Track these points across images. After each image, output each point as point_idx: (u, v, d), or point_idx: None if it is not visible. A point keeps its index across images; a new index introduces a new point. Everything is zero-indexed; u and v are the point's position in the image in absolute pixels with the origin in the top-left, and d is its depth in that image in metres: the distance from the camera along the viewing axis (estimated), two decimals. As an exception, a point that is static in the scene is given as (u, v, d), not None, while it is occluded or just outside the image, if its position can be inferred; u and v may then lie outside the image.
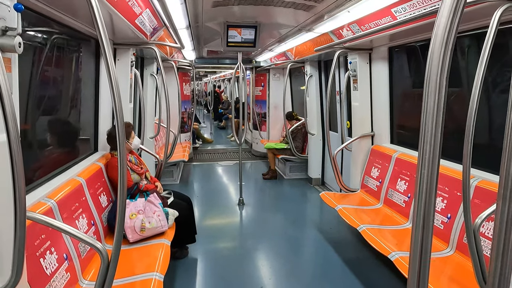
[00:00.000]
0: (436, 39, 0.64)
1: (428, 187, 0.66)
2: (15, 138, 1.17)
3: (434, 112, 0.64)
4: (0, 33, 1.24)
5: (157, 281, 2.20)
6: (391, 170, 3.58)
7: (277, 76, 7.82)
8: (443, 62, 0.63)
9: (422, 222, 0.69)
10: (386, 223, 3.25)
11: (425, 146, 0.65)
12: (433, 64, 0.65)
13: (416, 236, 0.70)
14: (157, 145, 5.60)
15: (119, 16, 2.36)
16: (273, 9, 3.57)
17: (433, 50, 0.65)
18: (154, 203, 2.95)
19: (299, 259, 3.59)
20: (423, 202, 0.68)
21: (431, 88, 0.64)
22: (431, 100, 0.63)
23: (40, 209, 1.92)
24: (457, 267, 2.48)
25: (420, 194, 0.67)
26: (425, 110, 0.65)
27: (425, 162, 0.66)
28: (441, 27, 0.63)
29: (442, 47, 0.63)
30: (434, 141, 0.64)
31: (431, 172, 0.66)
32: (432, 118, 0.64)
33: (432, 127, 0.64)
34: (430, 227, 0.70)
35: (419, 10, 2.35)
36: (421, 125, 0.66)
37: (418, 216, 0.70)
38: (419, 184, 0.67)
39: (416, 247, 0.71)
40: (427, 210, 0.67)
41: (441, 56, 0.63)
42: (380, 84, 3.91)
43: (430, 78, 0.64)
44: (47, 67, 2.52)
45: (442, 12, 0.62)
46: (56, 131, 2.81)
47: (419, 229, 0.70)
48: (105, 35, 1.34)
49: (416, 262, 0.73)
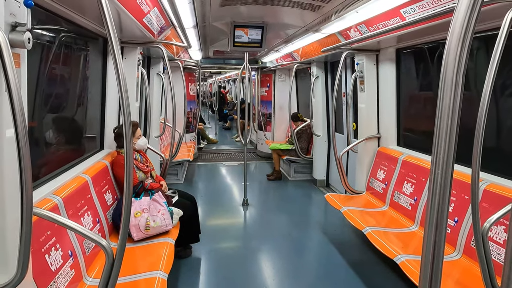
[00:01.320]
0: (452, 37, 0.62)
1: (442, 189, 0.64)
2: (23, 133, 1.17)
3: (449, 114, 0.62)
4: (10, 29, 1.25)
5: (161, 280, 2.19)
6: (398, 173, 3.55)
7: (283, 77, 7.81)
8: (459, 62, 0.61)
9: (435, 227, 0.67)
10: (391, 226, 3.22)
11: (439, 148, 0.63)
12: (448, 63, 0.63)
13: (429, 241, 0.68)
14: (162, 144, 5.61)
15: (127, 14, 2.36)
16: (280, 9, 3.56)
17: (449, 49, 0.63)
18: (159, 202, 2.95)
19: (303, 260, 3.57)
20: (436, 205, 0.67)
21: (447, 89, 0.62)
22: (446, 102, 0.62)
23: (46, 206, 1.93)
24: (464, 271, 2.44)
25: (433, 196, 0.65)
26: (439, 112, 0.63)
27: (439, 164, 0.64)
28: (458, 25, 0.61)
29: (458, 46, 0.61)
30: (448, 144, 0.62)
31: (445, 174, 0.64)
32: (447, 120, 0.62)
33: (447, 129, 0.63)
34: (443, 232, 0.68)
35: (428, 11, 2.33)
36: (435, 127, 0.64)
37: (430, 220, 0.68)
38: (433, 186, 0.66)
39: (428, 252, 0.69)
40: (440, 214, 0.66)
41: (457, 56, 0.62)
42: (387, 86, 3.88)
43: (446, 78, 0.63)
44: (55, 65, 2.53)
45: (459, 9, 0.60)
46: (63, 128, 2.83)
47: (431, 234, 0.68)
48: (114, 33, 1.34)
49: (428, 267, 0.71)
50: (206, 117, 15.48)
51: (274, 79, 7.89)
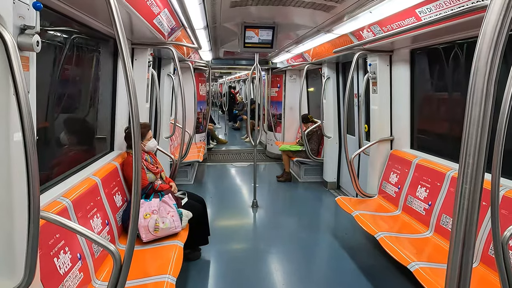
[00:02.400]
0: (483, 41, 0.57)
1: (470, 204, 0.59)
2: (31, 137, 1.15)
3: (478, 126, 0.56)
4: (19, 32, 1.23)
5: (169, 284, 2.17)
6: (411, 176, 3.46)
7: (294, 77, 7.74)
8: (490, 69, 0.56)
9: (463, 240, 0.62)
10: (404, 231, 3.14)
11: (468, 159, 0.58)
12: (479, 70, 0.57)
13: (455, 257, 0.63)
14: (172, 145, 5.61)
15: (137, 16, 2.35)
16: (291, 10, 3.51)
17: (480, 52, 0.57)
18: (169, 203, 2.94)
19: (312, 264, 3.51)
20: (464, 219, 0.62)
21: (477, 97, 0.56)
22: (476, 110, 0.56)
23: (55, 208, 1.92)
24: (481, 280, 2.36)
25: (460, 211, 0.60)
26: (468, 124, 0.58)
27: (467, 176, 0.59)
28: (490, 27, 0.56)
29: (490, 49, 0.56)
30: (478, 155, 0.57)
31: (474, 187, 0.59)
32: (477, 133, 0.57)
33: (476, 142, 0.57)
34: (472, 245, 0.62)
35: (446, 11, 2.25)
36: (463, 139, 0.59)
37: (457, 232, 0.63)
38: (460, 200, 0.61)
39: (455, 268, 0.64)
40: (468, 231, 0.60)
41: (489, 62, 0.56)
42: (401, 87, 3.79)
43: (476, 85, 0.57)
44: (67, 66, 2.54)
45: (492, 8, 0.55)
46: (75, 129, 2.84)
47: (458, 249, 0.63)
48: (123, 35, 1.32)
49: (454, 282, 0.65)
50: (216, 117, 15.51)
51: (285, 80, 7.84)
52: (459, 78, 3.17)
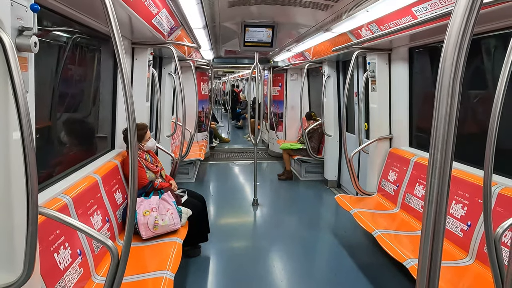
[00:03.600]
0: (449, 41, 0.60)
1: (439, 195, 0.62)
2: (29, 136, 1.19)
3: (445, 124, 0.59)
4: (17, 33, 1.27)
5: (167, 280, 2.21)
6: (409, 174, 3.48)
7: (295, 76, 7.75)
8: (456, 68, 0.59)
9: (432, 234, 0.65)
10: (402, 229, 3.16)
11: (436, 155, 0.61)
12: (445, 70, 0.60)
13: (426, 244, 0.66)
14: (173, 143, 5.66)
15: (136, 16, 2.38)
16: (290, 9, 3.53)
17: (446, 55, 0.60)
18: (168, 201, 2.98)
19: (312, 262, 3.54)
20: (433, 212, 0.64)
21: (443, 96, 0.59)
22: (442, 111, 0.59)
23: (55, 205, 1.97)
24: (477, 277, 2.37)
25: (429, 207, 0.63)
26: (436, 117, 0.61)
27: (435, 171, 0.62)
28: (455, 29, 0.59)
29: (455, 51, 0.59)
30: (445, 153, 0.60)
31: (442, 181, 0.61)
32: (444, 130, 0.60)
33: (444, 136, 0.60)
34: (440, 240, 0.65)
35: (440, 10, 2.27)
36: (432, 136, 0.62)
37: (427, 226, 0.66)
38: (429, 192, 0.63)
39: (426, 257, 0.67)
40: (437, 222, 0.63)
41: (454, 62, 0.59)
42: (399, 86, 3.80)
43: (442, 84, 0.60)
44: (69, 66, 2.59)
45: (456, 12, 0.58)
46: (76, 128, 2.89)
47: (428, 237, 0.65)
48: (119, 36, 1.35)
49: (425, 272, 0.68)
50: (219, 115, 15.55)
51: (286, 79, 7.85)
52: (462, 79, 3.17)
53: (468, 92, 3.09)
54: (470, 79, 3.06)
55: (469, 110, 3.15)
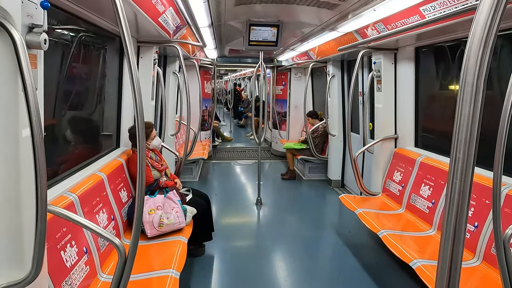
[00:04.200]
0: (474, 38, 0.59)
1: (461, 197, 0.60)
2: (38, 133, 1.19)
3: (468, 123, 0.58)
4: (27, 30, 1.26)
5: (173, 278, 2.21)
6: (415, 175, 3.46)
7: (299, 75, 7.74)
8: (481, 64, 0.57)
9: (453, 233, 0.64)
10: (408, 229, 3.14)
11: (458, 154, 0.60)
12: (469, 65, 0.59)
13: (446, 248, 0.65)
14: (177, 142, 5.66)
15: (142, 14, 2.38)
16: (296, 8, 3.52)
17: (470, 50, 0.59)
18: (173, 199, 2.98)
19: (316, 261, 3.53)
20: (454, 213, 0.63)
21: (467, 93, 0.58)
22: (466, 106, 0.58)
23: (62, 203, 1.97)
24: (484, 278, 2.36)
25: (451, 205, 0.62)
26: (458, 120, 0.60)
27: (457, 171, 0.61)
28: (480, 25, 0.57)
29: (480, 47, 0.57)
30: (468, 153, 0.58)
31: (464, 182, 0.60)
32: (467, 129, 0.58)
33: (466, 138, 0.59)
34: (462, 239, 0.64)
35: (450, 9, 2.25)
36: (454, 135, 0.61)
37: (448, 226, 0.65)
38: (451, 194, 0.62)
39: (445, 260, 0.66)
40: (459, 221, 0.62)
41: (479, 57, 0.58)
42: (405, 85, 3.79)
43: (466, 81, 0.59)
44: (75, 64, 2.59)
45: (482, 8, 0.56)
46: (82, 126, 2.89)
47: (448, 241, 0.64)
48: (128, 34, 1.34)
49: (444, 275, 0.67)
50: (221, 114, 15.54)
51: (290, 78, 7.83)
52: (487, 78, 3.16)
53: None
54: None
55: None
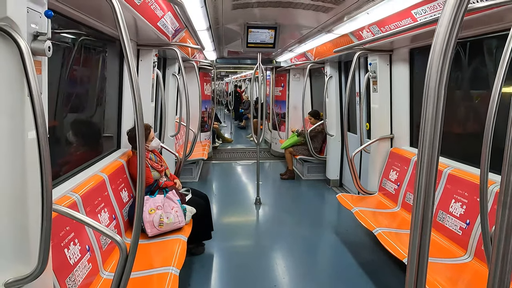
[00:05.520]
0: (435, 46, 0.66)
1: (427, 190, 0.67)
2: (44, 135, 1.26)
3: (432, 125, 0.65)
4: (32, 38, 1.34)
5: (173, 275, 2.27)
6: (410, 174, 3.53)
7: (297, 76, 7.81)
8: (442, 71, 0.65)
9: (420, 228, 0.71)
10: (403, 227, 3.21)
11: (423, 155, 0.67)
12: (432, 72, 0.66)
13: (414, 237, 0.71)
14: (177, 143, 5.73)
15: (142, 19, 2.45)
16: (292, 11, 3.59)
17: (433, 59, 0.66)
18: (173, 199, 3.05)
19: (314, 260, 3.59)
20: (421, 204, 0.70)
21: (430, 100, 0.66)
22: (429, 113, 0.65)
23: (65, 202, 2.04)
24: (475, 274, 2.42)
25: (418, 197, 0.69)
26: (423, 122, 0.67)
27: (423, 164, 0.68)
28: (441, 35, 0.65)
29: (441, 54, 0.65)
30: (432, 152, 0.66)
31: (429, 173, 0.67)
32: (431, 124, 0.66)
33: (431, 130, 0.66)
34: (428, 234, 0.71)
35: (439, 12, 2.32)
36: (421, 128, 0.68)
37: (416, 217, 0.72)
38: (418, 187, 0.69)
39: (414, 249, 0.72)
40: (425, 212, 0.69)
41: (440, 67, 0.65)
42: (400, 86, 3.85)
43: (429, 86, 0.66)
44: (76, 67, 2.66)
45: (442, 20, 0.64)
46: (84, 128, 2.97)
47: (417, 230, 0.71)
48: (128, 40, 1.41)
49: (414, 264, 0.74)
50: (222, 116, 15.61)
51: (289, 79, 7.91)
52: (456, 77, 3.23)
53: (468, 92, 3.14)
54: (468, 80, 3.11)
55: (469, 111, 3.20)
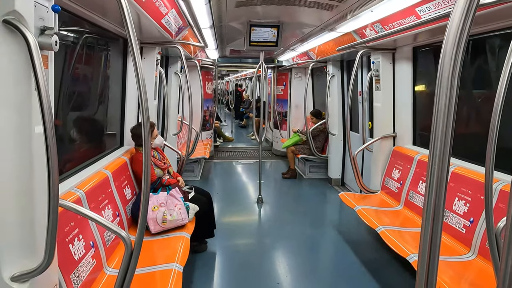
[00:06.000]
0: (448, 41, 0.66)
1: (438, 184, 0.67)
2: (51, 130, 1.26)
3: (444, 115, 0.65)
4: (39, 32, 1.34)
5: (176, 272, 2.28)
6: (413, 172, 3.53)
7: (299, 75, 7.80)
8: (454, 64, 0.64)
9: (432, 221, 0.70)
10: (406, 225, 3.21)
11: (436, 144, 0.67)
12: (444, 65, 0.66)
13: (425, 235, 0.71)
14: (179, 142, 5.73)
15: (146, 16, 2.45)
16: (295, 9, 3.59)
17: (445, 52, 0.66)
18: (176, 196, 3.05)
19: (316, 258, 3.59)
20: (433, 199, 0.70)
21: (442, 91, 0.65)
22: (442, 103, 0.65)
23: (70, 198, 2.04)
24: (479, 272, 2.42)
25: (430, 191, 0.69)
26: (436, 113, 0.67)
27: (435, 159, 0.67)
28: (453, 29, 0.64)
29: (453, 48, 0.65)
30: (444, 143, 0.65)
31: (441, 168, 0.67)
32: (443, 121, 0.65)
33: (443, 129, 0.66)
34: (439, 227, 0.71)
35: (443, 9, 2.32)
36: (432, 125, 0.68)
37: (427, 214, 0.71)
38: (429, 181, 0.69)
39: (425, 247, 0.72)
40: (437, 208, 0.69)
41: (453, 58, 0.65)
42: (403, 85, 3.85)
43: (442, 80, 0.66)
44: (80, 65, 2.66)
45: (455, 13, 0.63)
46: (88, 125, 2.98)
47: (428, 229, 0.71)
48: (134, 35, 1.41)
49: (424, 262, 0.74)
50: (223, 115, 15.61)
51: (290, 78, 7.90)
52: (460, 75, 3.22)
53: (472, 91, 3.13)
54: (473, 79, 3.10)
55: (473, 109, 3.19)
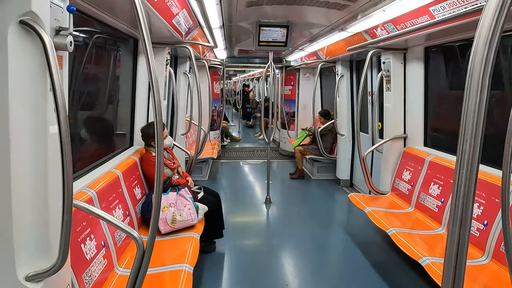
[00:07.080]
0: (479, 38, 0.63)
1: (466, 189, 0.65)
2: (65, 129, 1.26)
3: (474, 116, 0.63)
4: (54, 33, 1.34)
5: (187, 272, 2.27)
6: (424, 174, 3.48)
7: (307, 75, 7.77)
8: (486, 62, 0.62)
9: (459, 226, 0.68)
10: (417, 228, 3.16)
11: (465, 146, 0.64)
12: (475, 64, 0.64)
13: (452, 242, 0.69)
14: (187, 141, 5.74)
15: (157, 16, 2.45)
16: (305, 9, 3.57)
17: (476, 50, 0.64)
18: (185, 197, 3.05)
19: (325, 259, 3.57)
20: (460, 205, 0.68)
21: (473, 89, 0.63)
22: (472, 101, 0.63)
23: (81, 198, 2.05)
24: (493, 276, 2.38)
25: (457, 196, 0.66)
26: (465, 114, 0.64)
27: (464, 163, 0.65)
28: (486, 26, 0.62)
29: (485, 46, 0.62)
30: (474, 142, 0.63)
31: (470, 173, 0.65)
32: (473, 122, 0.63)
33: (472, 131, 0.64)
34: (467, 233, 0.69)
35: (459, 9, 2.27)
36: (460, 128, 0.65)
37: (454, 219, 0.69)
38: (457, 185, 0.67)
39: (451, 254, 0.70)
40: (464, 213, 0.66)
41: (484, 56, 0.62)
42: (414, 85, 3.80)
43: (472, 78, 0.64)
44: (90, 65, 2.68)
45: (487, 10, 0.61)
46: (98, 125, 2.99)
47: (455, 235, 0.69)
48: (148, 36, 1.41)
49: (450, 269, 0.72)
50: (230, 115, 15.63)
51: (298, 78, 7.87)
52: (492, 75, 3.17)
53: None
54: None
55: (488, 110, 3.14)
